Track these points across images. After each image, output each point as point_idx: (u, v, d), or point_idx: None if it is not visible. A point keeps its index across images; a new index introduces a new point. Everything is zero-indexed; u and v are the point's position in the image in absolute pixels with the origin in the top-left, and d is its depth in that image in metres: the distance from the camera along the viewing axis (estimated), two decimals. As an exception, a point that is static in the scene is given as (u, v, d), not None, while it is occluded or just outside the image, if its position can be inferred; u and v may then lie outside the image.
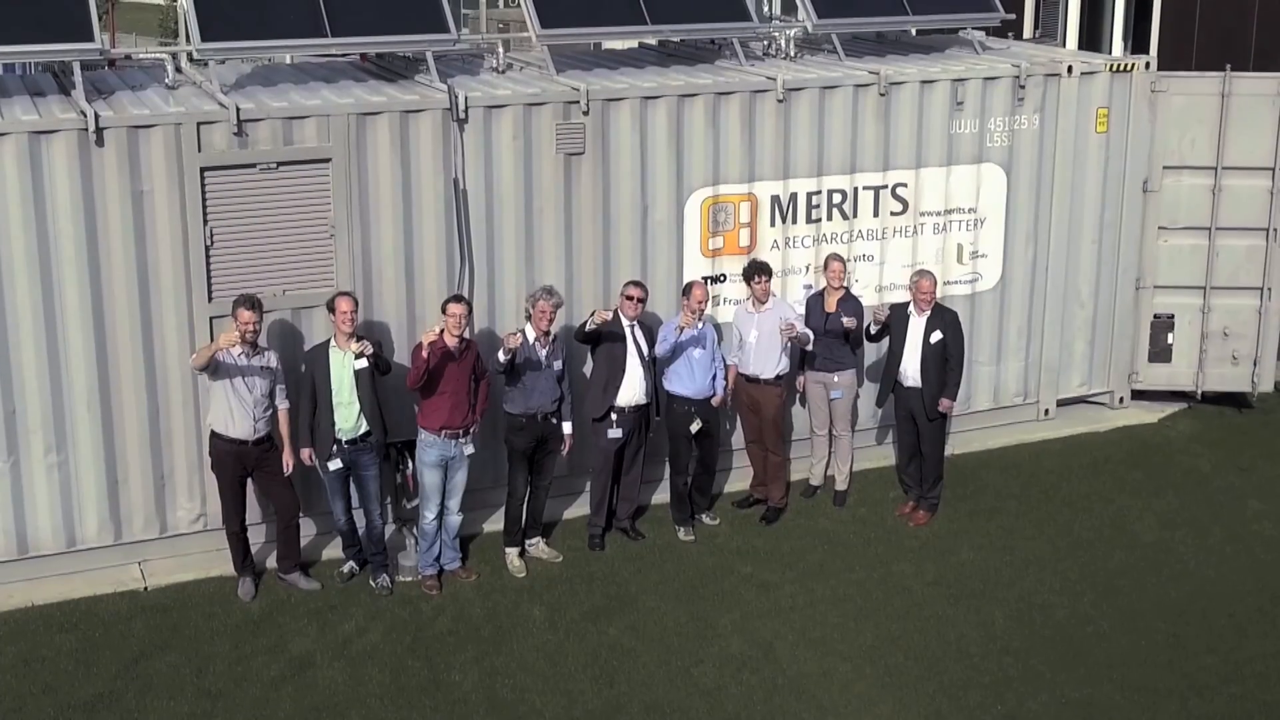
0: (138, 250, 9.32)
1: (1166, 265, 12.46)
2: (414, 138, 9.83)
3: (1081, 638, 9.42)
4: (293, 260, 9.70)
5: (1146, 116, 12.12)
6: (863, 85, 11.06)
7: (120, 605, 9.43)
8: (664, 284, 10.69)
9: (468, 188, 10.00)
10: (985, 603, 9.80)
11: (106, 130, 9.10)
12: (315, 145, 9.60)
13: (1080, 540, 10.71)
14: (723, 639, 9.31)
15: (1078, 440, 12.33)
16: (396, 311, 10.02)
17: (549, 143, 10.19)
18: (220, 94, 9.71)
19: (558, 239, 10.35)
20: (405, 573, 9.80)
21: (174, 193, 9.33)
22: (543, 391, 9.72)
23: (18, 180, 8.99)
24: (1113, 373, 12.66)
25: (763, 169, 10.90)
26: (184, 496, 9.80)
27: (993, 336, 12.07)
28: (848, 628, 9.45)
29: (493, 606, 9.59)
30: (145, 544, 9.78)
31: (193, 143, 9.31)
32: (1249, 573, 10.32)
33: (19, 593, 9.40)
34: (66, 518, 9.54)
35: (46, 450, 9.39)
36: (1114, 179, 12.15)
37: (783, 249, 11.08)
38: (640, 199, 10.56)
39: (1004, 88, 11.56)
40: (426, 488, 9.58)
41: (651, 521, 10.67)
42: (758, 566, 10.21)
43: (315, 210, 9.69)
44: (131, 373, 9.47)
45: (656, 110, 10.46)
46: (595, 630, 9.36)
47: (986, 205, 11.70)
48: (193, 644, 9.06)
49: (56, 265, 9.18)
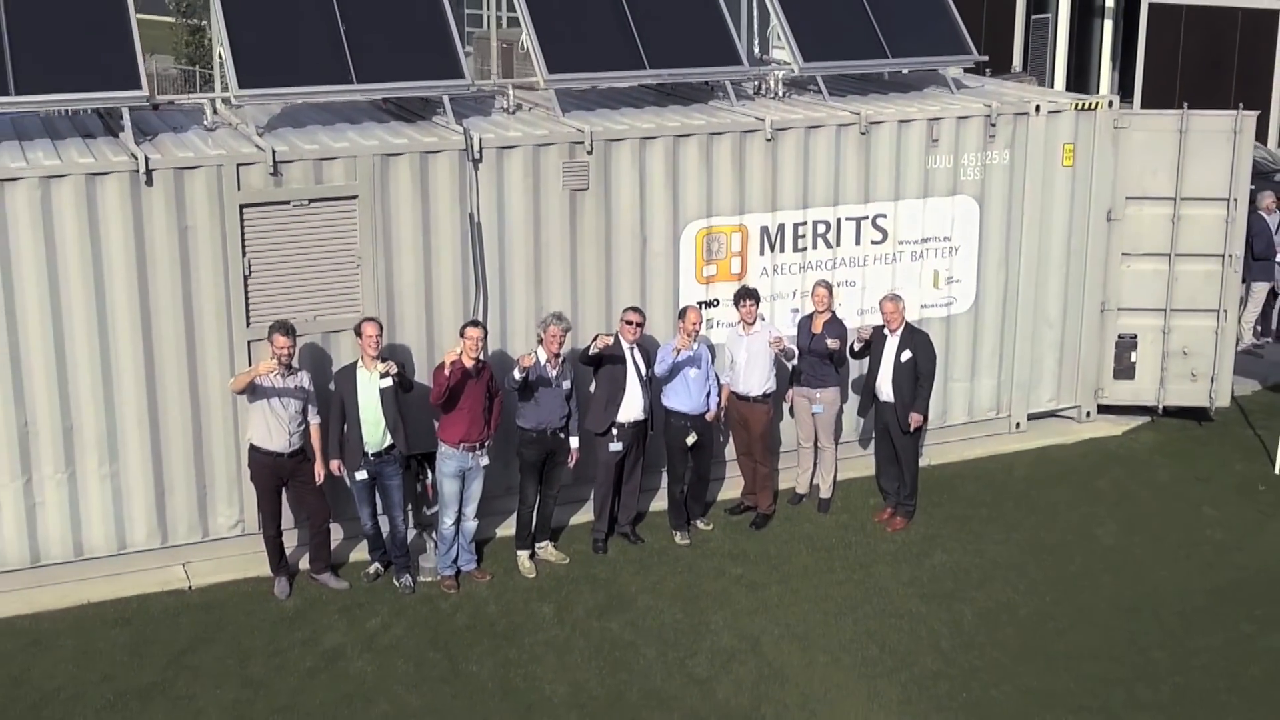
0: (182, 280, 10.26)
1: (1129, 289, 13.39)
2: (433, 176, 10.77)
3: (1042, 633, 10.33)
4: (322, 288, 10.63)
5: (1110, 151, 13.05)
6: (845, 125, 12.00)
7: (167, 603, 10.35)
8: (661, 309, 11.62)
9: (481, 221, 10.94)
10: (955, 602, 10.71)
11: (155, 171, 10.03)
12: (343, 184, 10.54)
13: (1045, 545, 11.63)
14: (715, 634, 10.22)
15: (1046, 452, 13.25)
16: (416, 335, 10.95)
17: (556, 180, 11.13)
18: (256, 136, 10.65)
19: (563, 268, 11.29)
20: (425, 573, 10.72)
21: (215, 228, 10.26)
22: (552, 408, 10.65)
23: (75, 218, 9.92)
24: (1080, 388, 13.59)
25: (752, 202, 11.83)
26: (224, 504, 10.72)
27: (967, 355, 13.00)
28: (829, 624, 10.36)
29: (506, 604, 10.51)
30: (188, 547, 10.70)
31: (232, 182, 10.25)
32: (1199, 574, 11.23)
33: (75, 591, 10.32)
34: (117, 523, 10.47)
35: (100, 462, 10.32)
36: (1080, 209, 13.08)
37: (771, 276, 12.01)
38: (639, 230, 11.49)
39: (976, 126, 12.50)
40: (445, 496, 10.50)
41: (650, 527, 11.59)
42: (747, 568, 11.13)
43: (343, 243, 10.62)
44: (176, 392, 10.40)
45: (654, 149, 11.40)
46: (599, 626, 10.28)
47: (960, 234, 12.63)
48: (234, 638, 9.98)
49: (109, 295, 10.11)
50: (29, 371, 10.00)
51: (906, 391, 11.39)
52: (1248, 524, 12.03)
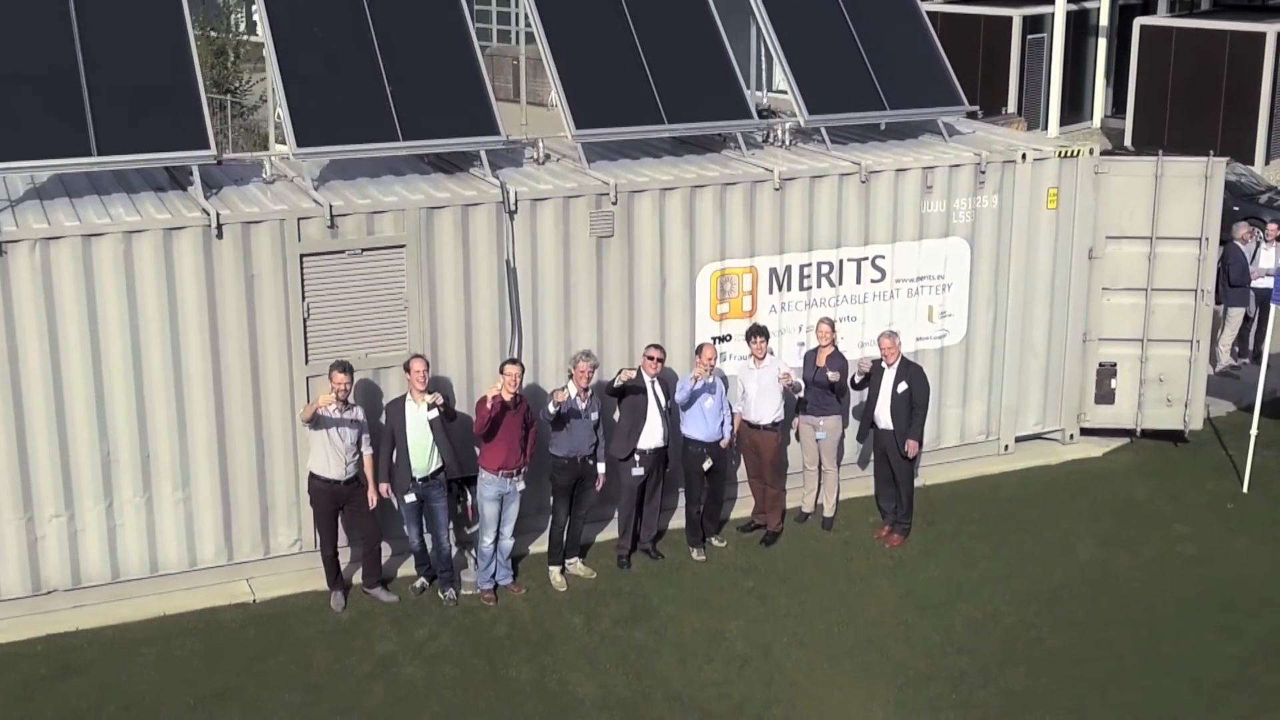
0: (248, 323, 11.35)
1: (1109, 320, 14.48)
2: (472, 227, 11.86)
3: (1026, 641, 11.42)
4: (373, 329, 11.73)
5: (1091, 194, 14.14)
6: (847, 174, 13.10)
7: (235, 615, 11.45)
8: (679, 344, 12.71)
9: (516, 267, 12.03)
10: (947, 612, 11.81)
11: (225, 226, 11.13)
12: (392, 234, 11.63)
13: (1029, 559, 12.72)
14: (729, 642, 11.32)
15: (1032, 472, 14.35)
16: (458, 370, 12.04)
17: (584, 228, 12.23)
18: (313, 191, 11.74)
19: (590, 308, 12.39)
20: (467, 587, 11.81)
21: (278, 275, 11.36)
22: (582, 438, 11.74)
23: (153, 268, 11.01)
24: (1064, 413, 14.69)
25: (762, 245, 12.93)
26: (284, 524, 11.82)
27: (959, 383, 14.09)
28: (832, 632, 11.45)
29: (540, 615, 11.60)
30: (252, 564, 11.80)
31: (294, 234, 11.34)
32: (1170, 586, 12.32)
33: (151, 604, 11.42)
34: (188, 542, 11.56)
35: (174, 488, 11.41)
36: (1063, 248, 14.18)
37: (779, 313, 13.11)
38: (659, 273, 12.59)
39: (967, 173, 13.59)
40: (486, 517, 11.59)
41: (669, 544, 12.68)
42: (758, 581, 12.22)
43: (392, 287, 11.72)
44: (242, 424, 11.49)
45: (673, 199, 12.50)
46: (624, 634, 11.37)
47: (953, 273, 13.72)
48: (296, 646, 11.08)
49: (183, 337, 11.20)
50: (111, 406, 11.10)
51: (903, 420, 12.49)
52: (1216, 540, 13.12)
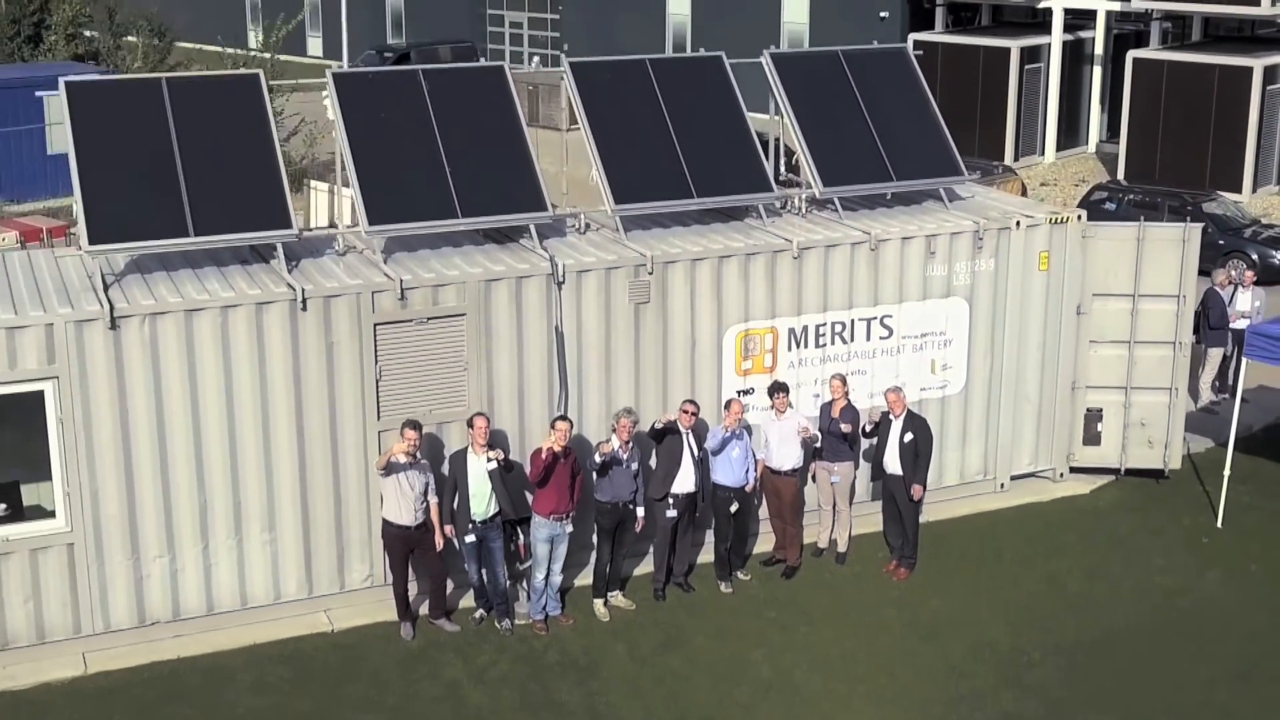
0: (328, 384, 12.79)
1: (1096, 370, 15.90)
2: (525, 296, 13.29)
3: (1017, 666, 12.85)
4: (436, 388, 13.16)
5: (1079, 257, 15.56)
6: (858, 243, 14.53)
7: (316, 643, 12.88)
8: (708, 397, 14.13)
9: (564, 331, 13.46)
10: (948, 639, 13.23)
11: (309, 299, 12.56)
12: (455, 304, 13.06)
13: (1023, 590, 14.15)
14: (755, 667, 12.75)
15: (1026, 508, 15.77)
16: (511, 424, 13.47)
17: (623, 295, 13.66)
18: (383, 265, 13.17)
19: (629, 367, 13.83)
20: (520, 617, 13.23)
21: (354, 342, 12.79)
22: (623, 485, 13.17)
23: (246, 337, 12.46)
24: (1054, 453, 16.11)
25: (781, 307, 14.36)
26: (358, 561, 13.26)
27: (959, 428, 15.51)
28: (846, 658, 12.88)
29: (586, 643, 13.03)
30: (329, 597, 13.24)
31: (369, 305, 12.78)
32: (1148, 616, 13.75)
33: (243, 634, 12.85)
34: (274, 578, 13.01)
35: (261, 530, 12.85)
36: (1054, 305, 15.59)
37: (797, 368, 14.54)
38: (690, 334, 14.02)
39: (966, 239, 15.01)
40: (538, 556, 13.02)
41: (699, 577, 14.10)
42: (779, 611, 13.65)
43: (453, 351, 13.15)
44: (322, 474, 12.93)
45: (702, 268, 13.93)
46: (662, 661, 12.80)
47: (953, 329, 15.15)
48: (372, 673, 12.50)
49: (271, 397, 12.64)
50: (208, 460, 12.54)
51: (909, 467, 13.92)
52: (1190, 572, 14.55)
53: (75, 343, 11.95)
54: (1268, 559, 14.86)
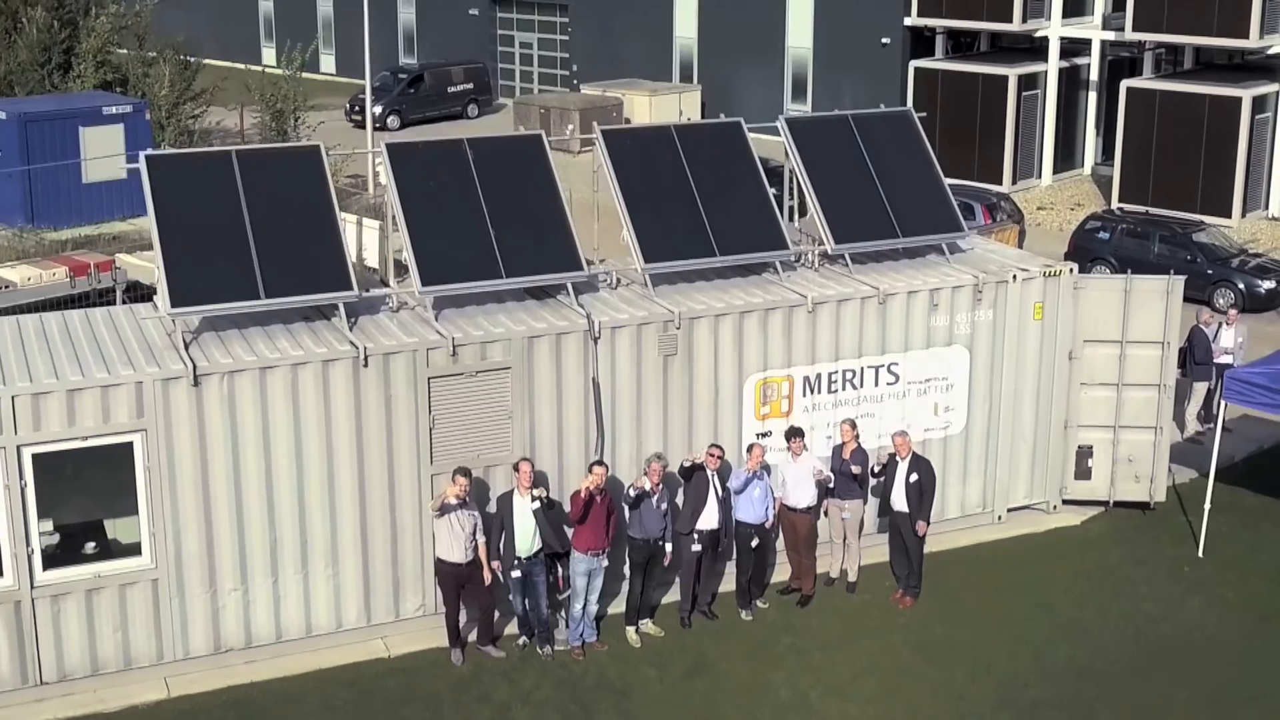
0: (386, 433, 14.06)
1: (1086, 411, 17.17)
2: (565, 350, 14.56)
3: (1013, 687, 14.13)
4: (483, 435, 14.43)
5: (1070, 306, 16.83)
6: (867, 297, 15.79)
7: (376, 668, 14.15)
8: (729, 440, 15.39)
9: (599, 382, 14.72)
10: (950, 663, 14.51)
11: (370, 356, 13.82)
12: (501, 359, 14.34)
13: (1018, 616, 15.42)
14: (774, 690, 14.02)
15: (1021, 539, 17.05)
16: (551, 467, 14.73)
17: (653, 348, 14.92)
18: (435, 322, 14.43)
19: (658, 414, 15.10)
20: (560, 644, 14.50)
21: (410, 395, 14.06)
22: (653, 523, 14.44)
23: (313, 391, 13.72)
24: (1048, 487, 17.39)
25: (797, 357, 15.63)
26: (411, 593, 14.53)
27: (960, 465, 16.78)
28: (857, 681, 14.16)
29: (620, 668, 14.31)
30: (385, 625, 14.51)
31: (424, 361, 14.04)
32: (1132, 640, 15.03)
33: (309, 660, 14.12)
34: (336, 608, 14.28)
35: (325, 565, 14.12)
36: (1048, 351, 16.86)
37: (811, 412, 15.81)
38: (714, 383, 15.29)
39: (967, 292, 16.27)
40: (576, 589, 14.29)
41: (721, 605, 15.37)
42: (795, 637, 14.92)
43: (499, 401, 14.42)
44: (380, 513, 14.20)
45: (725, 323, 15.20)
46: (689, 684, 14.08)
47: (955, 375, 16.42)
48: (428, 695, 13.77)
49: (335, 445, 13.91)
50: (278, 502, 13.81)
51: (914, 505, 15.19)
52: (1173, 600, 15.83)
53: (162, 399, 13.23)
54: (1243, 587, 16.14)
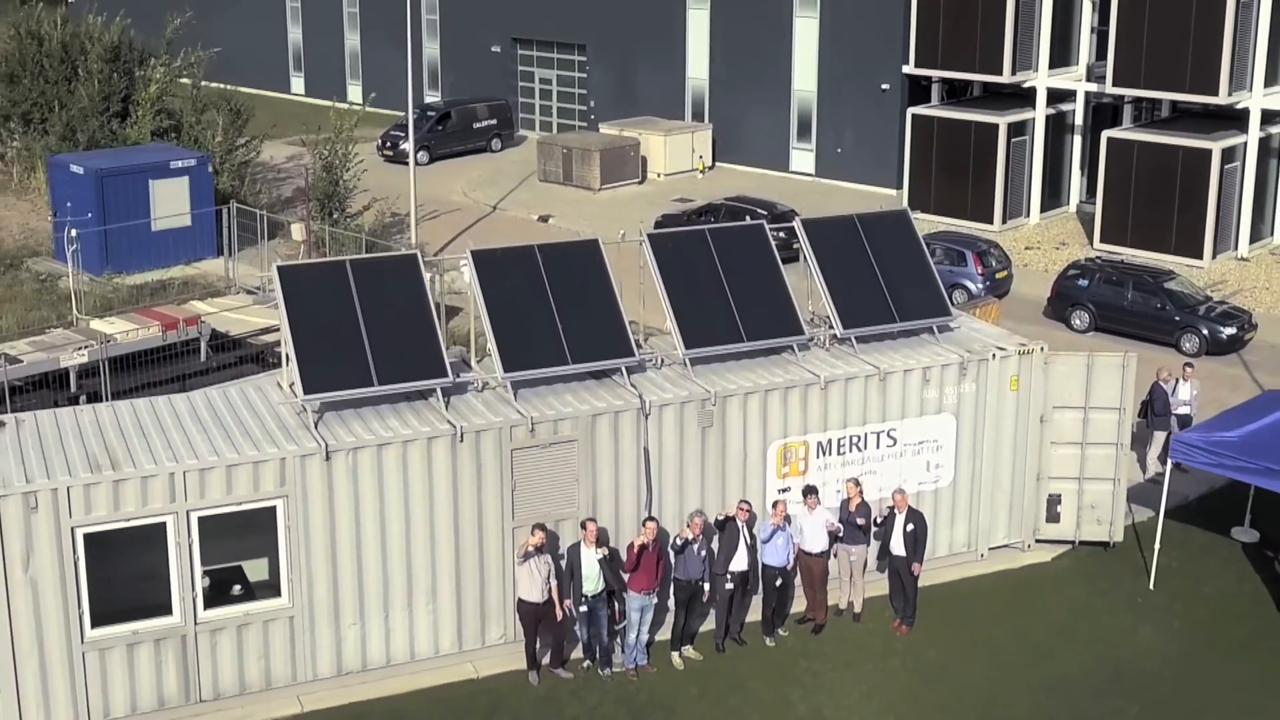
0: (477, 494, 17.16)
1: (1056, 465, 20.27)
2: (621, 425, 17.66)
3: (993, 704, 17.22)
4: (554, 494, 17.53)
5: (1042, 378, 19.91)
6: (870, 375, 18.88)
7: (467, 688, 17.26)
8: (756, 496, 18.49)
9: (649, 450, 17.80)
10: (940, 683, 17.61)
11: (465, 433, 16.90)
12: (569, 434, 17.43)
13: (996, 643, 18.52)
14: (794, 705, 17.11)
15: (1000, 574, 20.15)
16: (610, 521, 17.81)
17: (693, 422, 18.02)
18: (515, 403, 17.50)
19: (696, 474, 18.21)
20: (617, 666, 17.59)
21: (497, 465, 17.16)
22: (694, 567, 17.54)
23: (419, 462, 16.82)
24: (1023, 529, 20.51)
25: (812, 425, 18.72)
26: (495, 624, 17.67)
27: (949, 512, 19.89)
28: (863, 699, 17.25)
29: (667, 687, 17.40)
30: (474, 651, 17.63)
31: (508, 437, 17.13)
32: (1094, 663, 18.12)
33: (412, 680, 17.23)
34: (434, 637, 17.39)
35: (426, 602, 17.25)
36: (1022, 416, 19.95)
37: (823, 470, 18.90)
38: (743, 449, 18.40)
39: (954, 369, 19.36)
40: (631, 621, 17.38)
41: (748, 633, 18.45)
42: (811, 660, 18.01)
43: (567, 466, 17.51)
44: (471, 559, 17.32)
45: (752, 399, 18.30)
46: (724, 700, 17.17)
47: (943, 438, 19.52)
48: (512, 710, 16.87)
49: (436, 505, 16.99)
50: (390, 551, 16.94)
51: (910, 549, 18.29)
52: (1127, 628, 18.93)
53: (300, 471, 16.34)
54: (1188, 616, 19.24)
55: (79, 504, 15.56)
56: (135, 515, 15.80)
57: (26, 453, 16.14)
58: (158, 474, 15.82)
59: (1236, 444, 19.37)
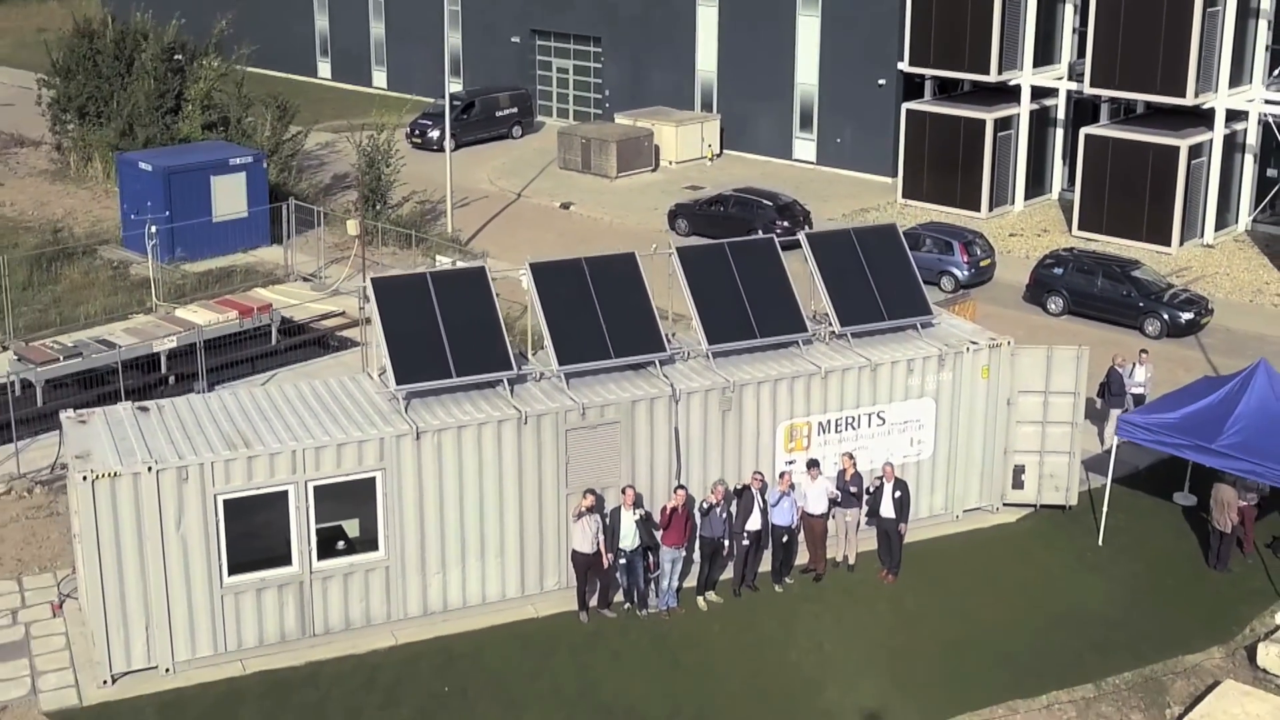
0: (538, 466, 20.78)
1: (1020, 440, 23.89)
2: (656, 409, 21.28)
3: (962, 638, 20.89)
4: (601, 466, 21.16)
5: (1009, 367, 23.50)
6: (863, 366, 22.47)
7: (528, 626, 20.95)
8: (766, 467, 22.11)
9: (679, 429, 21.41)
10: (918, 623, 21.31)
11: (528, 417, 20.50)
12: (614, 416, 21.06)
13: (968, 589, 22.19)
14: (797, 640, 20.81)
15: (972, 533, 23.83)
16: (646, 488, 21.43)
17: (715, 406, 21.63)
18: (568, 391, 21.08)
19: (718, 450, 21.85)
20: (652, 608, 21.26)
21: (554, 442, 20.80)
22: (717, 526, 21.19)
23: (491, 441, 20.42)
24: (992, 495, 24.16)
25: (814, 408, 22.34)
26: (551, 573, 21.38)
27: (929, 480, 23.53)
28: (854, 634, 20.95)
29: (694, 625, 21.09)
30: (534, 595, 21.31)
31: (563, 420, 20.74)
32: (1046, 605, 21.78)
33: (486, 618, 20.92)
34: (502, 584, 21.10)
35: (496, 554, 20.94)
36: (992, 399, 23.55)
37: (824, 446, 22.52)
38: (756, 428, 22.01)
39: (934, 360, 22.95)
40: (664, 571, 21.04)
41: (761, 581, 22.11)
42: (812, 604, 21.70)
43: (612, 444, 21.12)
44: (532, 520, 21.00)
45: (764, 387, 21.92)
46: (742, 636, 20.86)
47: (925, 418, 23.13)
48: (567, 642, 20.57)
49: (504, 475, 20.59)
50: (466, 514, 20.57)
51: (898, 512, 21.95)
52: (1076, 578, 22.62)
53: (395, 448, 19.96)
54: (1130, 568, 22.92)
55: (220, 476, 19.21)
56: (264, 484, 19.45)
57: (173, 434, 19.77)
58: (282, 451, 19.46)
59: (1173, 424, 22.95)
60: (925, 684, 19.84)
